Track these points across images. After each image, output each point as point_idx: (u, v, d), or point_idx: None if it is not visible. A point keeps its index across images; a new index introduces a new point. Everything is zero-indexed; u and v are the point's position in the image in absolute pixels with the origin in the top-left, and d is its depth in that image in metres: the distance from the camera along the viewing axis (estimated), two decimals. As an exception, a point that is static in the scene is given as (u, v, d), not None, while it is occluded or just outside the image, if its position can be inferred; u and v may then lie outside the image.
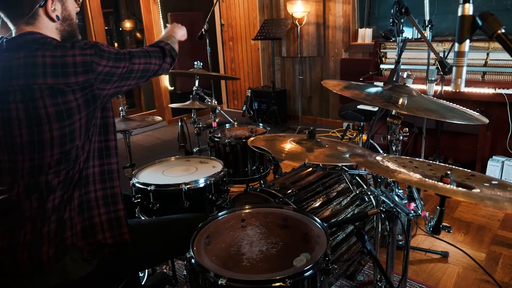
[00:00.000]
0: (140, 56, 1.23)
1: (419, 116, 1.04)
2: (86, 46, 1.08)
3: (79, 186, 1.15)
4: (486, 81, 3.22)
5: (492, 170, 3.08)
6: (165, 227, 1.37)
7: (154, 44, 1.38)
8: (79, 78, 1.05)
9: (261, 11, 5.50)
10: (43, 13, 1.11)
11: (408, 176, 0.85)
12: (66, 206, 1.12)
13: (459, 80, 0.75)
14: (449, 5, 3.97)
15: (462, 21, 0.72)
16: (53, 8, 1.11)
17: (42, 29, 1.12)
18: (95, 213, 1.18)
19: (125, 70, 1.17)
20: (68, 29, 1.19)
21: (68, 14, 1.18)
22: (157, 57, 1.31)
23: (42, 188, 1.08)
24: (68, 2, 1.17)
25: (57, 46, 1.06)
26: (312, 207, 1.79)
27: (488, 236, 2.44)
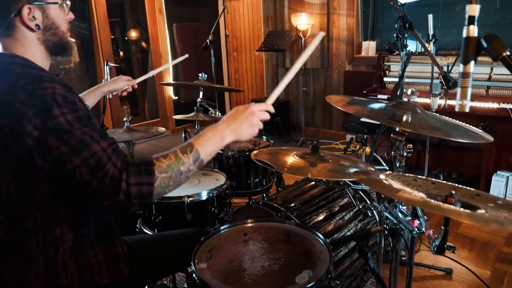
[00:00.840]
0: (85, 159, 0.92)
1: (423, 134, 1.04)
2: (33, 92, 0.93)
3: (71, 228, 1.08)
4: (490, 96, 3.22)
5: (497, 185, 3.06)
6: (166, 243, 1.35)
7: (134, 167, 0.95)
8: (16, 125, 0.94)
9: (265, 22, 5.55)
10: (20, 23, 1.01)
11: (412, 196, 0.85)
12: (58, 247, 1.05)
13: (464, 101, 0.74)
14: (453, 19, 3.99)
15: (467, 42, 0.72)
16: (31, 16, 1.01)
17: (21, 41, 1.03)
18: (91, 254, 1.11)
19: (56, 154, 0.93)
20: (54, 39, 1.08)
21: (51, 23, 1.07)
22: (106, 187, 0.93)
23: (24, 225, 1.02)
24: (50, 10, 1.06)
25: (13, 80, 0.95)
26: (314, 222, 1.78)
27: (493, 253, 2.42)
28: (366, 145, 3.15)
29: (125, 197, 0.92)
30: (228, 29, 6.15)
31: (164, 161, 0.99)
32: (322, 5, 4.83)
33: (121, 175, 0.92)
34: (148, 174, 0.95)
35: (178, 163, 1.00)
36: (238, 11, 5.91)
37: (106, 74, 2.08)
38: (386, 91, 3.78)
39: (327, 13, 4.83)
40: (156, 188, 0.96)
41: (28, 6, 1.00)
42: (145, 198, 0.95)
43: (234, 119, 1.10)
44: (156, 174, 0.96)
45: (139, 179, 0.93)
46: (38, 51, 1.07)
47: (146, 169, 0.95)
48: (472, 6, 0.71)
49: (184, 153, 1.02)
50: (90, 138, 0.93)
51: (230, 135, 1.08)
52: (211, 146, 1.06)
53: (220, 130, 1.08)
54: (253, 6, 5.69)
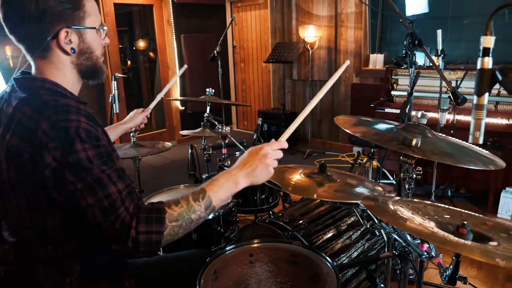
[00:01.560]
0: (99, 200, 0.90)
1: (434, 159, 1.02)
2: (57, 124, 0.91)
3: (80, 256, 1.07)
4: (499, 111, 3.19)
5: (506, 202, 3.01)
6: (171, 265, 1.34)
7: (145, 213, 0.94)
8: (37, 154, 0.94)
9: (273, 34, 5.57)
10: (56, 46, 1.02)
11: (421, 227, 0.83)
12: (66, 277, 1.04)
13: (478, 133, 0.73)
14: (461, 32, 3.97)
15: (482, 74, 0.71)
16: (68, 40, 1.01)
17: (55, 63, 1.04)
18: (99, 287, 1.09)
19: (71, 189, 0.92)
20: (87, 63, 1.08)
21: (86, 47, 1.06)
22: (115, 231, 0.91)
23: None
24: (87, 34, 1.06)
25: (39, 108, 0.95)
26: (321, 241, 1.76)
27: (502, 273, 2.37)
28: (373, 158, 3.13)
29: (133, 244, 0.91)
30: (236, 40, 6.18)
31: (176, 209, 0.97)
32: (330, 18, 4.84)
33: (131, 221, 0.91)
34: (159, 223, 0.93)
35: (189, 211, 0.98)
36: (246, 22, 5.95)
37: (114, 89, 2.09)
38: (393, 104, 3.76)
39: (335, 25, 4.83)
40: (165, 237, 0.94)
41: (65, 29, 1.01)
42: (153, 246, 0.93)
43: (248, 162, 1.08)
44: (166, 223, 0.94)
45: (148, 227, 0.92)
46: (70, 74, 1.07)
47: (157, 217, 0.94)
48: (486, 38, 0.69)
49: (196, 200, 1.00)
50: (107, 178, 0.92)
51: (244, 180, 1.06)
52: (224, 192, 1.05)
53: (233, 176, 1.06)
54: (261, 17, 5.72)
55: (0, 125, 1.00)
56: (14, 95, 1.01)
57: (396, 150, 1.04)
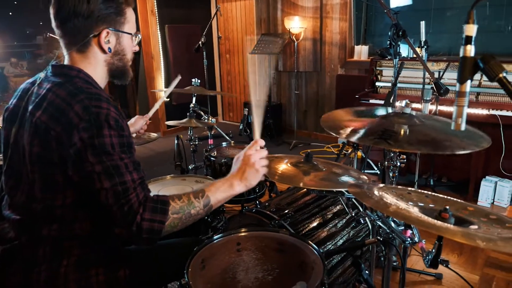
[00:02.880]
0: (114, 185, 0.98)
1: (411, 151, 1.04)
2: (89, 108, 0.99)
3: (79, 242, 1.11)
4: (480, 102, 3.26)
5: (486, 190, 3.10)
6: (159, 254, 1.35)
7: (151, 204, 1.01)
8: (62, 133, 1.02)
9: (258, 25, 5.55)
10: (95, 43, 1.12)
11: (406, 212, 0.85)
12: (63, 260, 1.08)
13: (460, 119, 0.75)
14: (444, 24, 4.03)
15: (464, 62, 0.73)
16: (107, 40, 1.13)
17: (90, 59, 1.13)
18: (93, 272, 1.12)
19: (89, 170, 0.99)
20: (119, 63, 1.19)
21: (121, 49, 1.18)
22: (122, 217, 0.98)
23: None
24: (123, 37, 1.17)
25: (73, 91, 1.03)
26: (308, 229, 1.78)
27: (482, 258, 2.45)
28: (358, 149, 3.17)
29: (137, 230, 0.98)
30: (221, 31, 6.13)
31: (178, 202, 1.06)
32: (315, 9, 4.84)
33: (139, 208, 0.98)
34: (162, 213, 1.02)
35: (189, 206, 1.08)
36: (231, 13, 5.90)
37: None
38: (378, 95, 3.80)
39: (320, 16, 4.84)
40: (165, 227, 1.02)
41: (107, 30, 1.12)
42: (155, 234, 1.00)
43: (240, 169, 1.19)
44: (169, 214, 1.02)
45: (153, 216, 1.00)
46: (101, 71, 1.17)
47: (161, 208, 1.02)
48: (469, 26, 0.71)
49: (196, 197, 1.10)
50: (124, 167, 1.00)
51: (239, 183, 1.18)
52: (221, 194, 1.15)
53: (229, 180, 1.18)
54: (246, 8, 5.69)
55: (30, 103, 1.08)
56: (47, 79, 1.10)
57: (373, 145, 1.06)
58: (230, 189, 1.16)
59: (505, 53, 3.65)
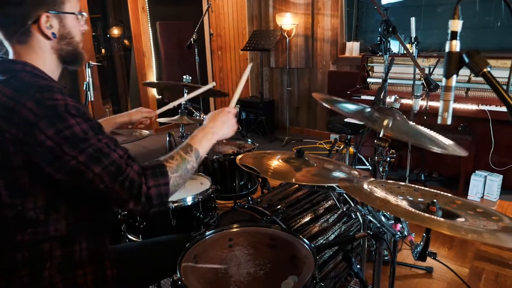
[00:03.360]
0: (105, 167, 0.94)
1: (389, 135, 1.05)
2: (44, 102, 0.92)
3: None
4: (470, 97, 3.30)
5: (475, 185, 3.14)
6: (151, 251, 1.35)
7: (148, 170, 1.00)
8: (19, 134, 0.94)
9: (250, 22, 5.54)
10: (37, 31, 1.02)
11: (395, 206, 0.86)
12: (46, 262, 1.04)
13: (446, 113, 0.76)
14: (434, 20, 4.06)
15: (450, 57, 0.74)
16: (49, 25, 1.02)
17: (35, 49, 1.04)
18: (80, 273, 1.09)
19: (73, 164, 0.93)
20: (68, 48, 1.09)
21: (67, 32, 1.07)
22: (127, 191, 0.96)
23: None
24: (67, 19, 1.06)
25: (20, 88, 0.95)
26: (299, 225, 1.80)
27: (471, 251, 2.48)
28: (349, 145, 3.19)
29: (146, 200, 0.97)
30: (213, 27, 6.11)
31: (173, 162, 1.06)
32: (306, 5, 4.85)
33: (140, 178, 0.97)
34: (163, 175, 1.01)
35: (184, 162, 1.08)
36: (223, 9, 5.88)
37: (88, 76, 2.05)
38: (369, 91, 3.83)
39: (311, 13, 4.85)
40: (170, 187, 1.02)
41: (46, 14, 1.01)
42: (164, 198, 1.01)
43: (216, 120, 1.24)
44: (169, 175, 1.02)
45: (156, 181, 0.99)
46: (50, 59, 1.08)
47: (160, 171, 1.01)
48: (454, 22, 0.72)
49: (187, 153, 1.10)
50: (106, 147, 0.96)
51: (218, 131, 1.22)
52: (206, 142, 1.17)
53: (209, 128, 1.21)
54: (238, 5, 5.67)
55: None
56: None
57: (360, 121, 1.07)
58: (212, 137, 1.19)
59: (495, 48, 3.70)
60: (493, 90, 0.69)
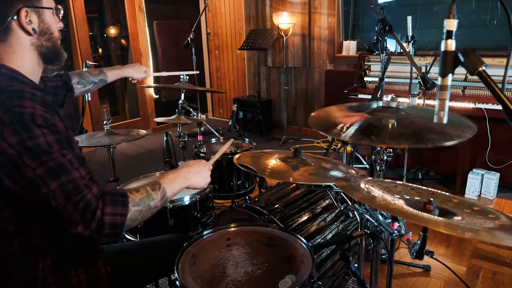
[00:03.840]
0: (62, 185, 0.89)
1: (391, 145, 1.05)
2: (11, 110, 0.88)
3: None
4: (467, 96, 3.31)
5: (472, 183, 3.15)
6: (149, 250, 1.35)
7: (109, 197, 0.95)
8: None
9: (247, 21, 5.53)
10: (17, 26, 1.00)
11: (391, 205, 0.87)
12: (38, 264, 1.02)
13: (442, 112, 0.76)
14: (431, 19, 4.06)
15: (445, 56, 0.74)
16: (28, 20, 1.00)
17: (14, 47, 1.01)
18: (73, 273, 1.08)
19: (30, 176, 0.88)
20: (48, 44, 1.07)
21: (46, 28, 1.06)
22: (78, 213, 0.89)
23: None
24: (45, 14, 1.05)
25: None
26: (297, 224, 1.80)
27: (469, 249, 2.49)
28: (347, 144, 3.20)
29: (97, 226, 0.90)
30: (210, 27, 6.11)
31: (137, 195, 1.01)
32: (303, 4, 4.85)
33: (97, 202, 0.91)
34: (123, 205, 0.96)
35: (148, 198, 1.03)
36: (220, 9, 5.88)
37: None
38: (366, 90, 3.83)
39: (308, 12, 4.85)
40: (127, 220, 0.96)
41: (25, 9, 0.99)
42: (118, 228, 0.94)
43: (191, 167, 1.22)
44: (129, 207, 0.97)
45: (114, 209, 0.93)
46: (30, 57, 1.05)
47: (121, 200, 0.96)
48: (450, 21, 0.72)
49: (153, 190, 1.06)
50: (69, 163, 0.91)
51: (190, 178, 1.19)
52: (176, 185, 1.14)
53: (183, 173, 1.18)
54: (235, 4, 5.67)
55: None
56: None
57: (357, 142, 1.07)
58: (183, 181, 1.16)
59: (491, 47, 3.70)
60: (488, 89, 0.69)
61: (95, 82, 1.66)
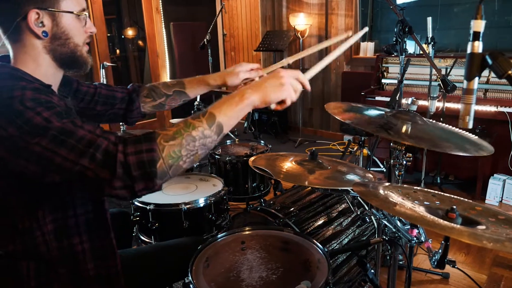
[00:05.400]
0: (73, 148, 0.81)
1: (410, 144, 1.02)
2: (3, 100, 0.85)
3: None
4: (488, 99, 3.22)
5: (494, 189, 3.06)
6: (163, 254, 1.34)
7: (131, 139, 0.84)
8: None
9: (263, 22, 5.52)
10: (26, 28, 0.95)
11: (412, 212, 0.84)
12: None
13: (467, 117, 0.73)
14: (451, 20, 3.98)
15: (472, 59, 0.71)
16: (39, 22, 0.95)
17: (27, 47, 0.97)
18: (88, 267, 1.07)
19: (38, 151, 0.82)
20: (63, 49, 1.00)
21: (61, 32, 0.99)
22: (102, 166, 0.81)
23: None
24: (62, 18, 0.98)
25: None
26: (312, 228, 1.77)
27: (489, 257, 2.42)
28: (363, 146, 3.15)
29: (124, 170, 0.80)
30: (226, 28, 6.11)
31: (171, 129, 0.87)
32: (320, 5, 4.81)
33: (116, 146, 0.81)
34: (148, 140, 0.83)
35: (188, 128, 0.86)
36: (236, 10, 5.88)
37: (102, 77, 2.06)
38: (384, 92, 3.77)
39: (325, 13, 4.81)
40: (164, 158, 0.83)
41: (36, 11, 0.94)
42: (147, 167, 0.81)
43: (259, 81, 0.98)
44: (158, 141, 0.83)
45: (137, 147, 0.82)
46: (44, 61, 1.00)
47: (145, 137, 0.84)
48: (477, 22, 0.69)
49: (196, 118, 0.89)
50: (72, 125, 0.84)
51: (252, 93, 0.92)
52: (228, 107, 0.91)
53: (239, 91, 0.94)
54: (251, 5, 5.66)
55: None
56: None
57: (375, 133, 1.04)
58: (240, 99, 0.91)
59: (515, 49, 3.60)
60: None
61: (168, 94, 1.41)
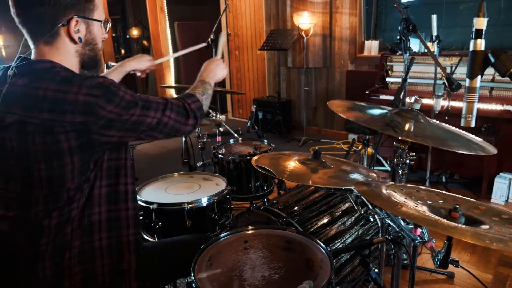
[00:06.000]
0: (157, 108, 1.10)
1: (418, 142, 1.02)
2: (96, 85, 0.99)
3: (80, 233, 1.08)
4: (494, 97, 3.19)
5: (499, 187, 3.03)
6: (166, 251, 1.35)
7: (181, 98, 1.23)
8: (76, 118, 0.96)
9: (267, 21, 5.51)
10: (65, 33, 1.06)
11: (414, 211, 0.83)
12: (64, 253, 1.06)
13: (470, 116, 0.73)
14: (456, 18, 3.95)
15: (474, 56, 0.70)
16: (77, 29, 1.06)
17: (60, 50, 1.07)
18: (98, 263, 1.11)
19: (134, 119, 1.04)
20: (90, 53, 1.14)
21: (92, 38, 1.12)
22: (180, 114, 1.16)
23: (31, 226, 1.03)
24: (94, 26, 1.12)
25: (64, 80, 0.99)
26: (316, 227, 1.77)
27: (495, 257, 2.40)
28: (368, 145, 3.14)
29: (193, 113, 1.19)
30: (230, 27, 6.11)
31: (197, 89, 1.30)
32: (324, 4, 4.79)
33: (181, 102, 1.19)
34: (193, 96, 1.24)
35: (206, 88, 1.33)
36: (240, 9, 5.88)
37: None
38: (388, 91, 3.75)
39: (329, 12, 4.79)
40: (203, 105, 1.26)
41: (76, 18, 1.06)
42: (201, 110, 1.24)
43: (210, 64, 1.50)
44: (197, 96, 1.25)
45: (191, 99, 1.23)
46: (73, 62, 1.11)
47: (189, 94, 1.26)
48: (479, 19, 0.68)
49: (204, 83, 1.36)
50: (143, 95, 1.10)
51: (216, 72, 1.48)
52: (211, 79, 1.41)
53: (208, 70, 1.46)
54: (255, 4, 5.66)
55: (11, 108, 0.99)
56: (14, 80, 1.01)
57: (380, 131, 1.04)
58: (214, 75, 1.45)
59: (520, 46, 3.57)
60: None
61: None
